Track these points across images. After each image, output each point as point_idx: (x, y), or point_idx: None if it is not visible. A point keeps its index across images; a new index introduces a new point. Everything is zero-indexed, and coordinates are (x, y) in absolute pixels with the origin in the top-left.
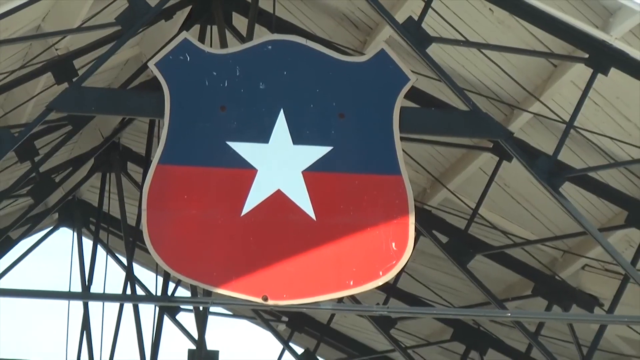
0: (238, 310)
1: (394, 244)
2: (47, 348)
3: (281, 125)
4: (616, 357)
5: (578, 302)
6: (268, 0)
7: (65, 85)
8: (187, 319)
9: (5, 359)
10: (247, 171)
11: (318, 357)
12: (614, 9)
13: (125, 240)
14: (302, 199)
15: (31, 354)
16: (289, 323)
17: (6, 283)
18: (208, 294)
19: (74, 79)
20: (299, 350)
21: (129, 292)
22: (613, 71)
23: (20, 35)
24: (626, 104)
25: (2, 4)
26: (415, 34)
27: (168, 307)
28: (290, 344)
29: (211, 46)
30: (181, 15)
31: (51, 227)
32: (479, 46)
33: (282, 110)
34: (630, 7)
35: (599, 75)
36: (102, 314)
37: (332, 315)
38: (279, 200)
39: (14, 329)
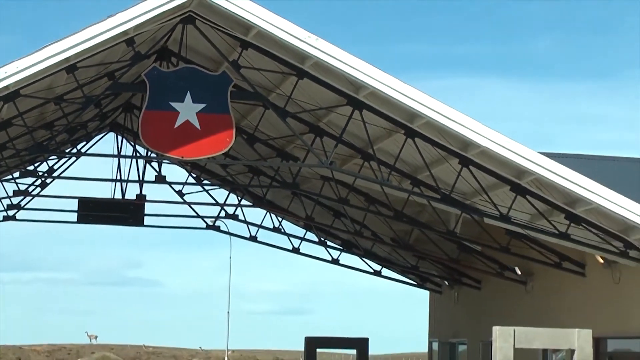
0: (172, 160)
1: (227, 138)
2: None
3: (188, 96)
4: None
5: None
6: (185, 51)
7: (112, 81)
8: (155, 164)
9: None
10: (176, 112)
11: (203, 180)
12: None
13: (134, 137)
14: (196, 123)
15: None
16: (190, 166)
17: (90, 150)
18: (162, 155)
19: (115, 79)
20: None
21: (134, 154)
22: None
23: (93, 64)
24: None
25: (88, 53)
26: (235, 65)
27: (149, 159)
28: (192, 174)
29: (164, 68)
30: (154, 57)
31: (106, 132)
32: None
33: (188, 91)
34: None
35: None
36: (125, 164)
37: (206, 163)
38: (188, 124)
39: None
